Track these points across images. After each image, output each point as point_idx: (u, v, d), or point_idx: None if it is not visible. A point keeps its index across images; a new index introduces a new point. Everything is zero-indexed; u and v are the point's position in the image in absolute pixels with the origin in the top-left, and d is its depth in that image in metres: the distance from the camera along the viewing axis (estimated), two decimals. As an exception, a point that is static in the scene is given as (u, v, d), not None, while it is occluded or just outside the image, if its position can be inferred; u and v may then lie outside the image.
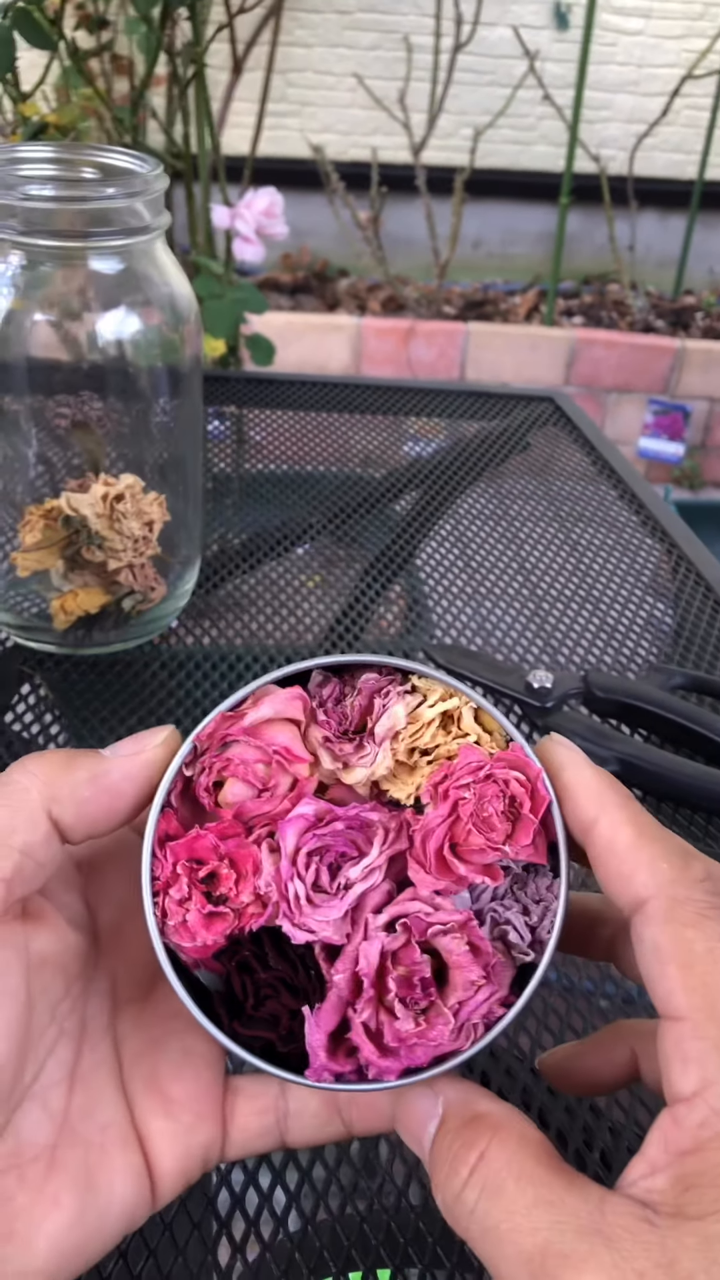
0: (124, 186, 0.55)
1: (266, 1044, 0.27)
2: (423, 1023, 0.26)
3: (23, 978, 0.27)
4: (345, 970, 0.27)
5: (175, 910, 0.27)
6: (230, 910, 0.27)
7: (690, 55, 3.08)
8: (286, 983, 0.28)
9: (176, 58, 1.49)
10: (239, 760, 0.28)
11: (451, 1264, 0.39)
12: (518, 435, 1.01)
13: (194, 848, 0.28)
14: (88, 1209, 0.27)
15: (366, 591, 0.77)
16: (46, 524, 0.61)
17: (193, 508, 0.68)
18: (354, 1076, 0.27)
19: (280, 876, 0.27)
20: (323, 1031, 0.27)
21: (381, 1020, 0.26)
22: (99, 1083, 0.29)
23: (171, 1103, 0.30)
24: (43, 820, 0.27)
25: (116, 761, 0.28)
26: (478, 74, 3.10)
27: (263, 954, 0.28)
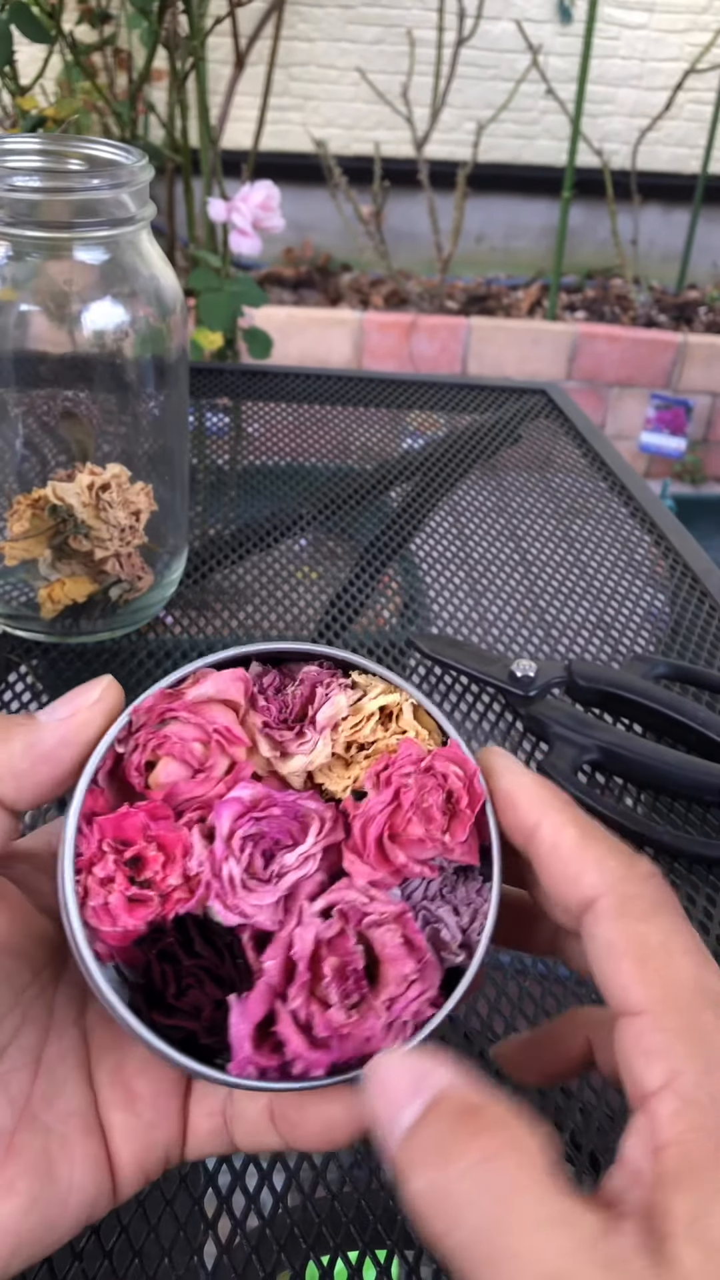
0: (109, 177, 0.56)
1: (188, 1035, 0.26)
2: (355, 1015, 0.25)
3: None
4: (277, 957, 0.26)
5: (97, 890, 0.26)
6: (155, 895, 0.26)
7: (693, 49, 3.08)
8: (211, 972, 0.26)
9: (176, 51, 1.49)
10: (176, 738, 0.27)
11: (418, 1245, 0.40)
12: (510, 427, 1.01)
13: (121, 826, 0.26)
14: (44, 1197, 0.27)
15: (358, 580, 0.78)
16: (34, 513, 0.62)
17: (180, 497, 0.68)
18: (277, 1074, 0.26)
19: (214, 857, 0.26)
20: (249, 1023, 0.25)
21: (312, 1010, 0.25)
22: (64, 1071, 0.29)
23: (135, 1098, 0.29)
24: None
25: (51, 727, 0.27)
26: (481, 68, 3.10)
27: (187, 940, 0.27)
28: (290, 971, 0.26)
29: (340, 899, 0.27)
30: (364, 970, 0.26)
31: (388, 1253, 0.39)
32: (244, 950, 0.26)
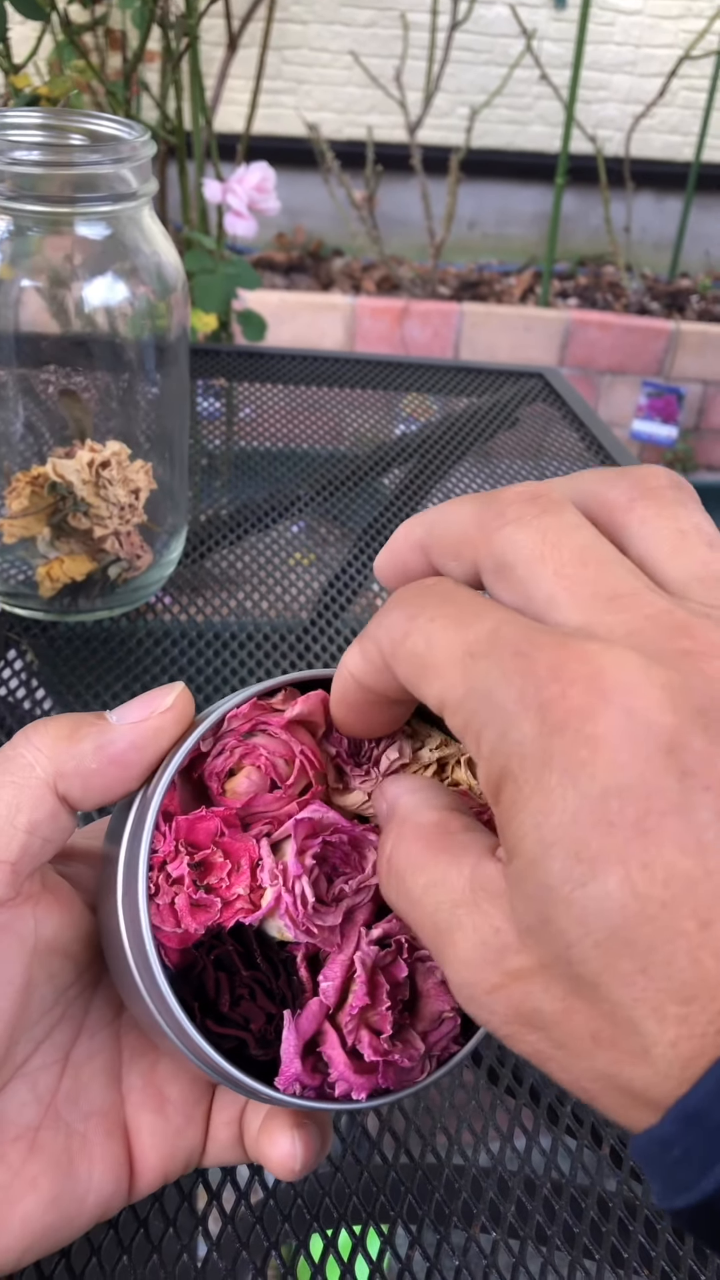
0: (111, 152, 0.56)
1: (237, 1046, 0.26)
2: (399, 1044, 0.26)
3: (23, 964, 0.26)
4: (335, 978, 0.26)
5: (166, 890, 0.26)
6: (218, 902, 0.26)
7: (688, 36, 3.07)
8: (264, 985, 0.26)
9: (170, 31, 1.48)
10: (264, 750, 0.27)
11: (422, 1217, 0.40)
12: (506, 411, 1.01)
13: (195, 829, 0.26)
14: (64, 1194, 0.27)
15: (352, 564, 0.78)
16: (33, 491, 0.62)
17: (179, 476, 0.68)
18: (314, 1094, 0.26)
19: (288, 873, 0.26)
20: (300, 1038, 0.26)
21: (361, 1035, 0.26)
22: (91, 1071, 0.29)
23: (166, 1102, 0.30)
24: (48, 796, 0.26)
25: (123, 729, 0.27)
26: (474, 53, 3.09)
27: (247, 952, 0.26)
28: (344, 994, 0.26)
29: (394, 930, 0.27)
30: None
31: (391, 1225, 0.40)
32: (298, 968, 0.27)
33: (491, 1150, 0.42)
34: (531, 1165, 0.42)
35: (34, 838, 0.26)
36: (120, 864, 0.26)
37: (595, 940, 0.18)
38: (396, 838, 0.24)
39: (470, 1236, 0.39)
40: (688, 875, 0.18)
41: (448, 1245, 0.39)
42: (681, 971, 0.17)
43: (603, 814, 0.18)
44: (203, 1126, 0.30)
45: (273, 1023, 0.26)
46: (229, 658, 0.67)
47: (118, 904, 0.26)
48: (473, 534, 0.23)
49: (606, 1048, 0.19)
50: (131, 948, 0.26)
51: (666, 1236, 0.40)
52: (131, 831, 0.26)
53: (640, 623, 0.20)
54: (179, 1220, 0.39)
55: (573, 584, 0.21)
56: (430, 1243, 0.39)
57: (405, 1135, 0.42)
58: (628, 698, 0.19)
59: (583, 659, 0.19)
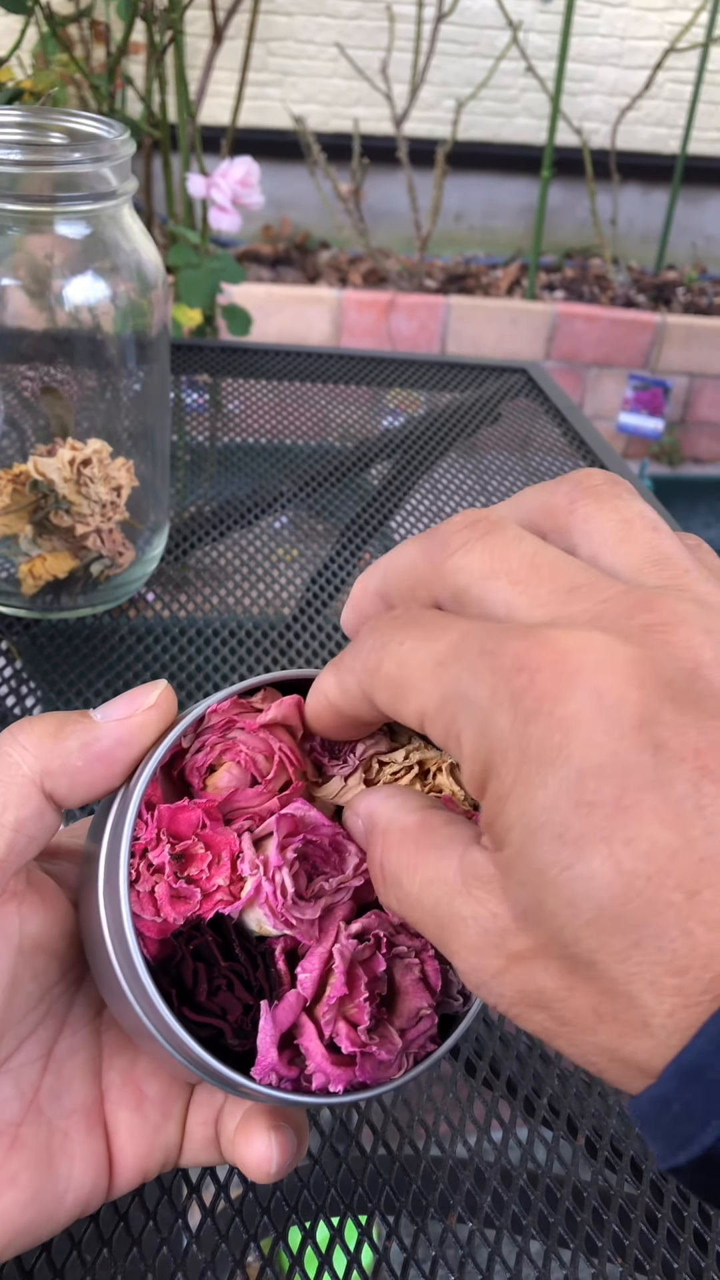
0: (91, 151, 0.56)
1: (213, 1036, 0.26)
2: (376, 1037, 0.26)
3: (8, 963, 0.26)
4: (313, 970, 0.26)
5: (147, 878, 0.26)
6: (198, 892, 0.26)
7: (673, 28, 3.07)
8: (241, 977, 0.27)
9: (154, 24, 1.48)
10: (244, 746, 0.28)
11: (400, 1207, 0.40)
12: (490, 406, 1.02)
13: (177, 819, 0.27)
14: (44, 1191, 0.27)
15: (337, 559, 0.78)
16: (14, 489, 0.62)
17: (161, 474, 0.68)
18: (290, 1087, 0.26)
19: (269, 864, 0.26)
20: (277, 1029, 0.26)
21: (339, 1027, 0.26)
22: (73, 1067, 0.29)
23: (144, 1099, 0.30)
24: (34, 794, 0.27)
25: (108, 727, 0.27)
26: (460, 45, 3.08)
27: (225, 943, 0.27)
28: (322, 987, 0.26)
29: (372, 926, 0.27)
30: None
31: (369, 1217, 0.40)
32: (276, 960, 0.27)
33: (468, 1142, 0.43)
34: (508, 1156, 0.42)
35: (20, 835, 0.26)
36: (102, 854, 0.27)
37: (586, 920, 0.19)
38: (384, 845, 0.24)
39: (447, 1227, 0.40)
40: (669, 847, 0.18)
41: (425, 1236, 0.39)
42: (673, 943, 0.18)
43: (581, 795, 0.19)
44: (180, 1125, 0.30)
45: (250, 1014, 0.26)
46: (211, 654, 0.67)
47: (98, 892, 0.26)
48: (424, 571, 0.24)
49: (608, 1022, 0.19)
50: (111, 934, 0.26)
51: (640, 1225, 0.40)
52: (114, 821, 0.27)
53: (600, 607, 0.20)
54: (159, 1214, 0.39)
55: (528, 587, 0.22)
56: (408, 1233, 0.40)
57: (383, 1127, 0.43)
58: (595, 677, 0.19)
59: (546, 645, 0.20)
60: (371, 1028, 0.26)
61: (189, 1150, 0.30)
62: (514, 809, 0.20)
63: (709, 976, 0.18)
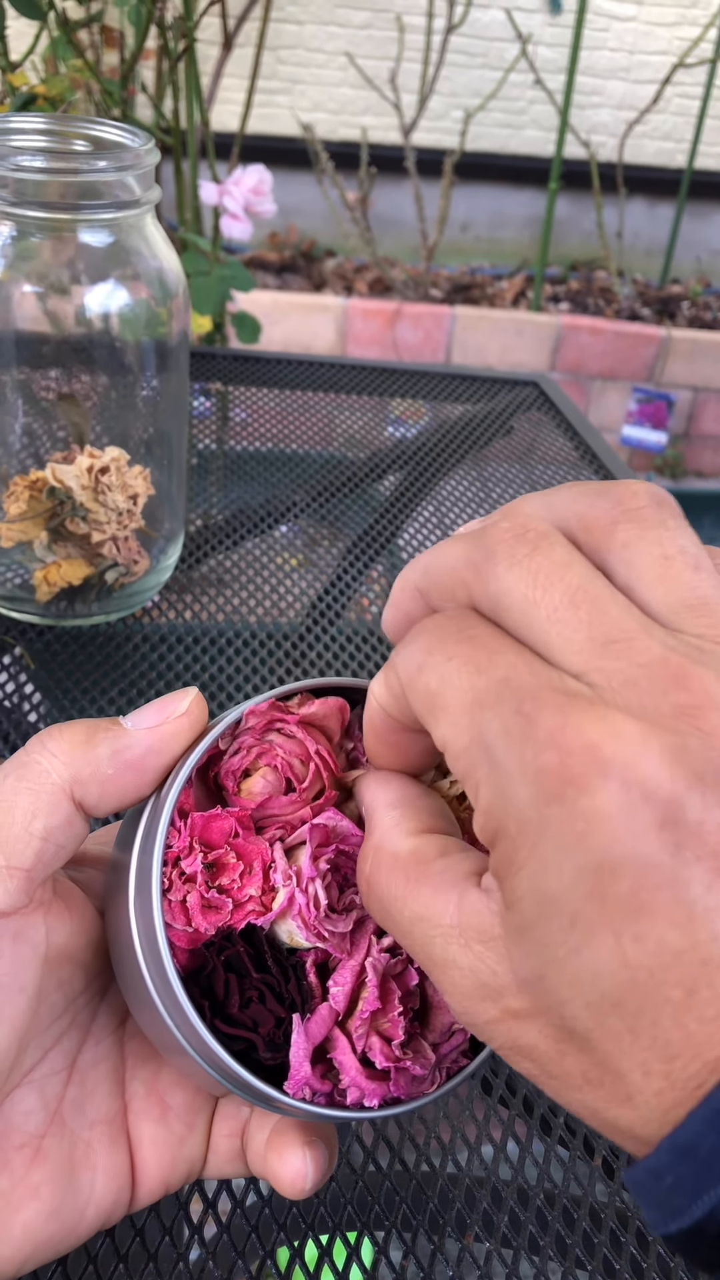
0: (115, 159, 0.56)
1: (245, 1049, 0.26)
2: (410, 1051, 0.26)
3: (35, 972, 0.26)
4: (345, 984, 0.26)
5: (178, 887, 0.26)
6: (230, 902, 0.26)
7: (682, 43, 3.08)
8: (273, 989, 0.26)
9: (167, 31, 1.48)
10: (281, 750, 0.27)
11: (417, 1225, 0.40)
12: (501, 419, 1.02)
13: (210, 828, 0.26)
14: (65, 1204, 0.27)
15: (348, 571, 0.78)
16: (31, 495, 0.62)
17: (177, 482, 0.68)
18: (324, 1101, 0.26)
19: (302, 876, 0.26)
20: (309, 1043, 0.26)
21: (372, 1042, 0.26)
22: (96, 1078, 0.29)
23: (168, 1110, 0.29)
24: (64, 803, 0.26)
25: (139, 735, 0.27)
26: (469, 56, 3.09)
27: (257, 955, 0.26)
28: (354, 1000, 0.26)
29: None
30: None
31: (385, 1234, 0.40)
32: (307, 973, 0.27)
33: (485, 1160, 0.43)
34: (525, 1175, 0.42)
35: (49, 844, 0.26)
36: (133, 863, 0.26)
37: (586, 1001, 0.19)
38: (374, 864, 0.25)
39: (464, 1246, 0.40)
40: (675, 947, 0.18)
41: (441, 1255, 0.39)
42: (666, 1033, 0.19)
43: (597, 886, 0.19)
44: (204, 1136, 0.30)
45: (281, 1027, 0.26)
46: (225, 663, 0.67)
47: (129, 901, 0.26)
48: (465, 574, 0.23)
49: (595, 1087, 0.20)
50: (143, 945, 0.25)
51: (658, 1248, 0.40)
52: (146, 829, 0.26)
53: (635, 672, 0.20)
54: (174, 1227, 0.39)
55: (566, 629, 0.21)
56: (424, 1252, 0.39)
57: (399, 1144, 0.43)
58: (625, 770, 0.19)
59: (581, 730, 0.20)
60: (405, 1042, 0.26)
61: (213, 1162, 0.30)
62: (526, 883, 0.20)
63: (697, 1065, 0.18)
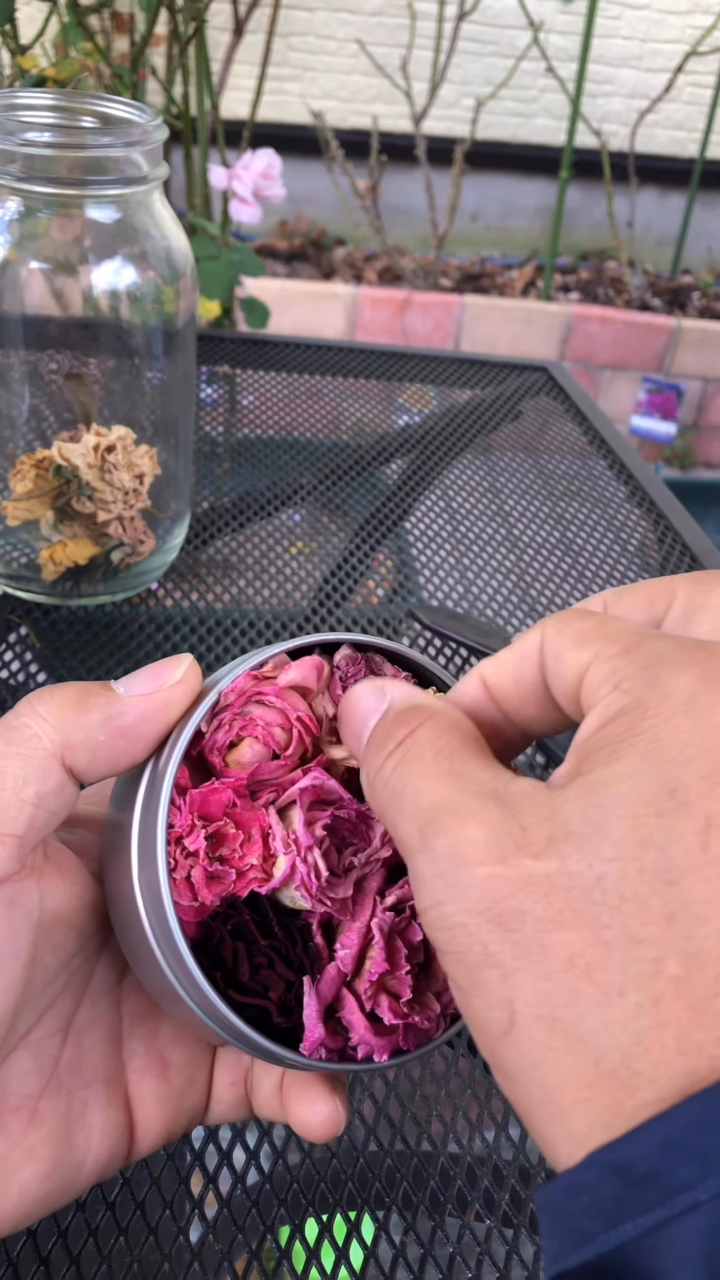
0: (122, 135, 0.55)
1: (260, 1014, 0.26)
2: (417, 1006, 0.26)
3: (29, 938, 0.26)
4: (351, 946, 0.26)
5: (182, 864, 0.26)
6: (232, 871, 0.26)
7: (695, 32, 3.06)
8: (281, 954, 0.26)
9: (177, 15, 1.48)
10: (261, 721, 0.27)
11: (417, 1203, 0.40)
12: (510, 404, 1.01)
13: (208, 801, 0.26)
14: (62, 1163, 0.27)
15: (353, 556, 0.78)
16: (38, 474, 0.61)
17: (183, 462, 0.68)
18: (335, 1056, 0.26)
19: (300, 844, 0.26)
20: (321, 1004, 0.26)
21: (380, 998, 0.26)
22: (92, 1038, 0.29)
23: (168, 1066, 0.30)
24: (55, 768, 0.26)
25: (132, 701, 0.27)
26: (481, 44, 3.08)
27: (263, 921, 0.27)
28: (361, 960, 0.26)
29: (407, 896, 0.27)
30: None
31: (386, 1211, 0.40)
32: (313, 934, 0.27)
33: (486, 1138, 0.43)
34: (526, 1153, 0.42)
35: (41, 810, 0.26)
36: (134, 839, 0.26)
37: (642, 867, 0.18)
38: (432, 720, 0.23)
39: (465, 1224, 0.40)
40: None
41: (442, 1232, 0.39)
42: (705, 939, 0.17)
43: (714, 772, 0.18)
44: (205, 1087, 0.30)
45: (291, 990, 0.26)
46: (230, 645, 0.67)
47: (133, 880, 0.26)
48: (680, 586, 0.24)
49: (578, 973, 0.18)
50: (153, 928, 0.26)
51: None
52: (144, 805, 0.26)
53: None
54: (175, 1203, 0.39)
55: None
56: (425, 1229, 0.39)
57: (401, 1122, 0.43)
58: None
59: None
60: (411, 999, 0.26)
61: (216, 1110, 0.30)
62: (642, 745, 0.19)
63: (716, 989, 0.17)
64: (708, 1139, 0.16)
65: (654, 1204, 0.16)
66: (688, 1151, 0.16)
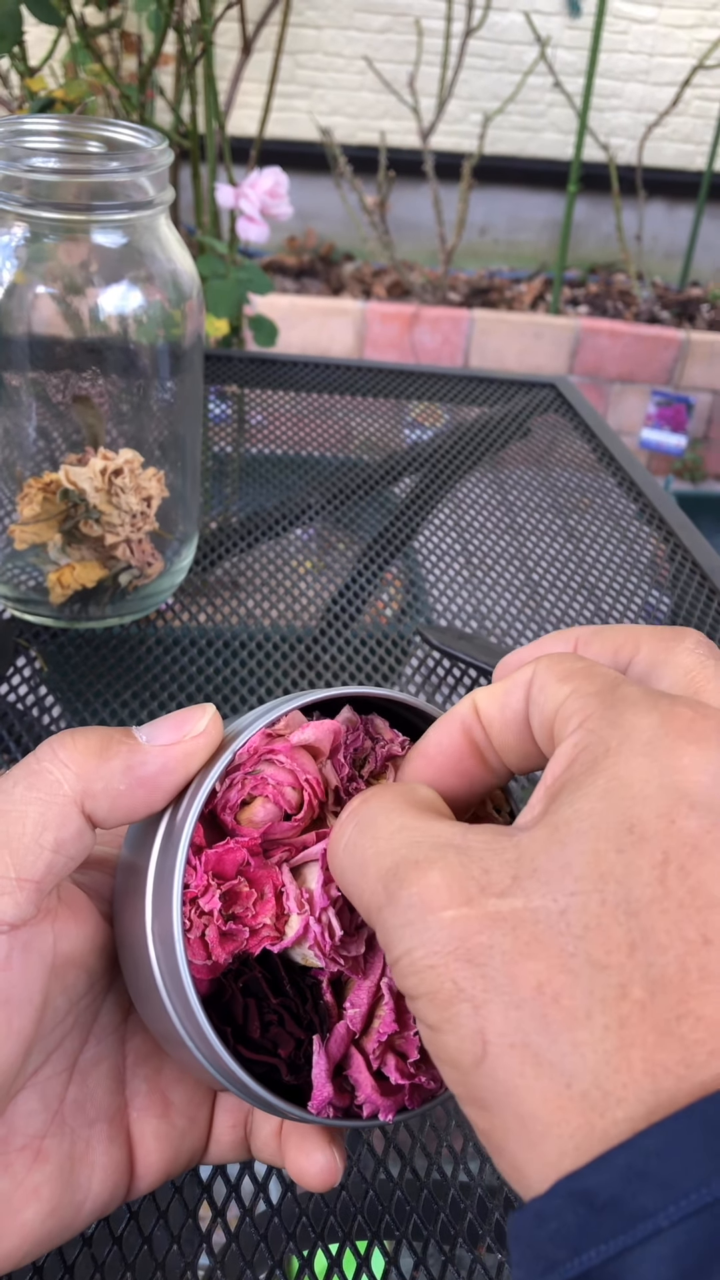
0: (128, 160, 0.55)
1: (268, 1070, 0.26)
2: (423, 1065, 0.26)
3: (43, 982, 0.26)
4: (361, 1005, 0.26)
5: (197, 923, 0.26)
6: (245, 930, 0.26)
7: (702, 45, 3.07)
8: (292, 1011, 0.26)
9: (185, 35, 1.49)
10: (273, 781, 0.27)
11: (427, 1235, 0.40)
12: (519, 421, 1.01)
13: (223, 861, 0.26)
14: (63, 1202, 0.27)
15: (363, 574, 0.78)
16: (45, 497, 0.61)
17: (191, 484, 0.68)
18: (340, 1114, 0.26)
19: (315, 904, 0.26)
20: (330, 1063, 0.26)
21: (387, 1058, 0.26)
22: (96, 1077, 0.29)
23: (169, 1106, 0.30)
24: (75, 815, 0.26)
25: (155, 752, 0.27)
26: (488, 59, 3.09)
27: (274, 978, 0.27)
28: (369, 1018, 0.26)
29: None
30: None
31: (396, 1243, 0.39)
32: (323, 993, 0.27)
33: (497, 1169, 0.42)
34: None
35: (59, 856, 0.26)
36: (149, 893, 0.26)
37: (604, 899, 0.19)
38: (380, 790, 0.25)
39: (476, 1257, 0.39)
40: (713, 898, 0.18)
41: (453, 1266, 0.39)
42: (665, 966, 0.18)
43: (670, 810, 0.19)
44: (205, 1127, 0.30)
45: (300, 1048, 0.26)
46: (238, 666, 0.66)
47: (146, 932, 0.26)
48: (644, 639, 0.25)
49: (547, 1000, 0.19)
50: (166, 984, 0.26)
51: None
52: (160, 859, 0.26)
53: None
54: (183, 1236, 0.39)
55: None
56: (436, 1262, 0.39)
57: (411, 1152, 0.42)
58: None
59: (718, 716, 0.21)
60: (418, 1060, 0.26)
61: (215, 1151, 0.30)
62: (603, 783, 0.20)
63: (678, 1012, 0.18)
64: (668, 1166, 0.17)
65: (617, 1231, 0.17)
66: (649, 1179, 0.17)
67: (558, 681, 0.23)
